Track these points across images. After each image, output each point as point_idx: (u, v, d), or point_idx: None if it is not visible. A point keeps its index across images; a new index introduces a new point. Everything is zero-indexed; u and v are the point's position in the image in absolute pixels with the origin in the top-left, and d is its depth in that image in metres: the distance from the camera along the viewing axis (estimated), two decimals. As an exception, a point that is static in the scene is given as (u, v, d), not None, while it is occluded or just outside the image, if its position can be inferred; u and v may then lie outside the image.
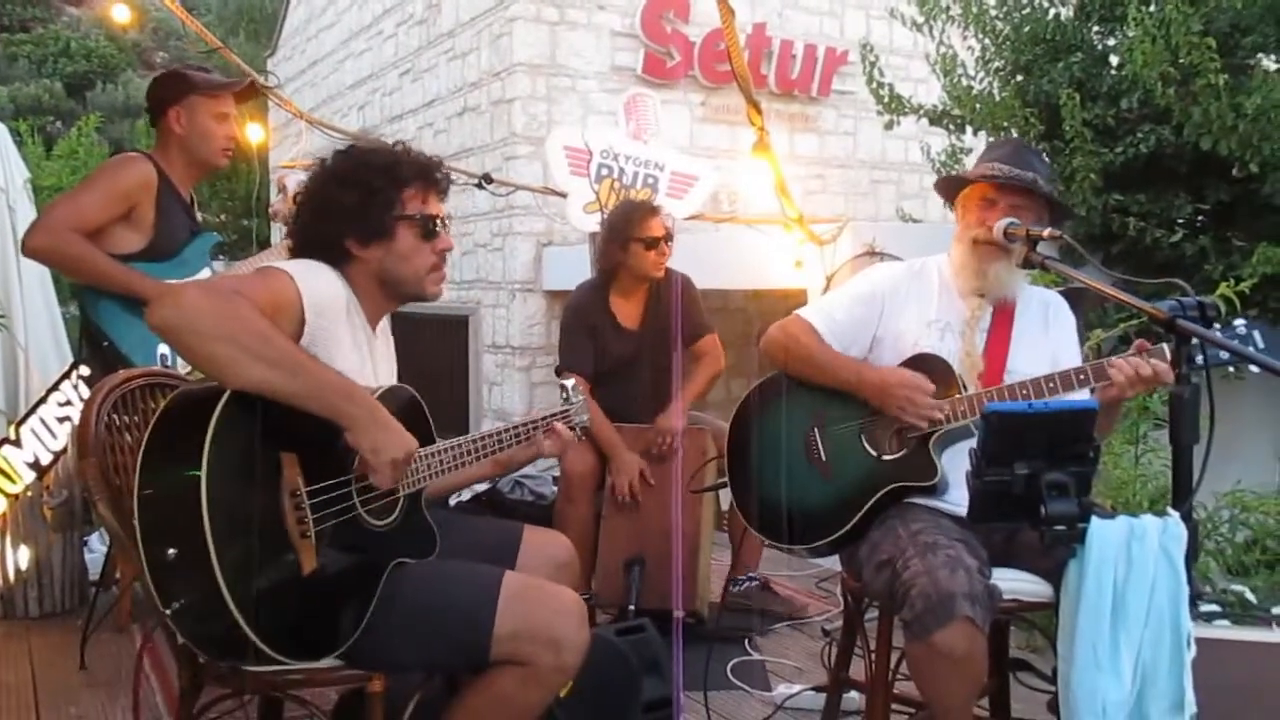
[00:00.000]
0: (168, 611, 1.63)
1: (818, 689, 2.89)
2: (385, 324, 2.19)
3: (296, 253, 2.04)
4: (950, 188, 2.47)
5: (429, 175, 2.02)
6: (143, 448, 1.67)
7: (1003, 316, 2.38)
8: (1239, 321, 2.01)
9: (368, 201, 1.96)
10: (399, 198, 1.98)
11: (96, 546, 4.27)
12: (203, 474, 1.58)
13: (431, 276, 2.04)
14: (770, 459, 2.39)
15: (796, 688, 2.96)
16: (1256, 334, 1.99)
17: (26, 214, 5.61)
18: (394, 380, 2.16)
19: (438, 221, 2.02)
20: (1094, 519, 1.76)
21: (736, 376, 7.96)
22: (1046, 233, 2.11)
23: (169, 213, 2.98)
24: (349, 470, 1.81)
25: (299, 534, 1.70)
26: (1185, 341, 1.73)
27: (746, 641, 3.41)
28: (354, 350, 1.97)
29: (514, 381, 7.56)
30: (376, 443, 1.77)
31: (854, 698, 2.80)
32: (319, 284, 1.88)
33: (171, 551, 1.61)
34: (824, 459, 2.34)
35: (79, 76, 24.31)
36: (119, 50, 24.69)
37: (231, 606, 1.57)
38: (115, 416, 2.00)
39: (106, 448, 1.96)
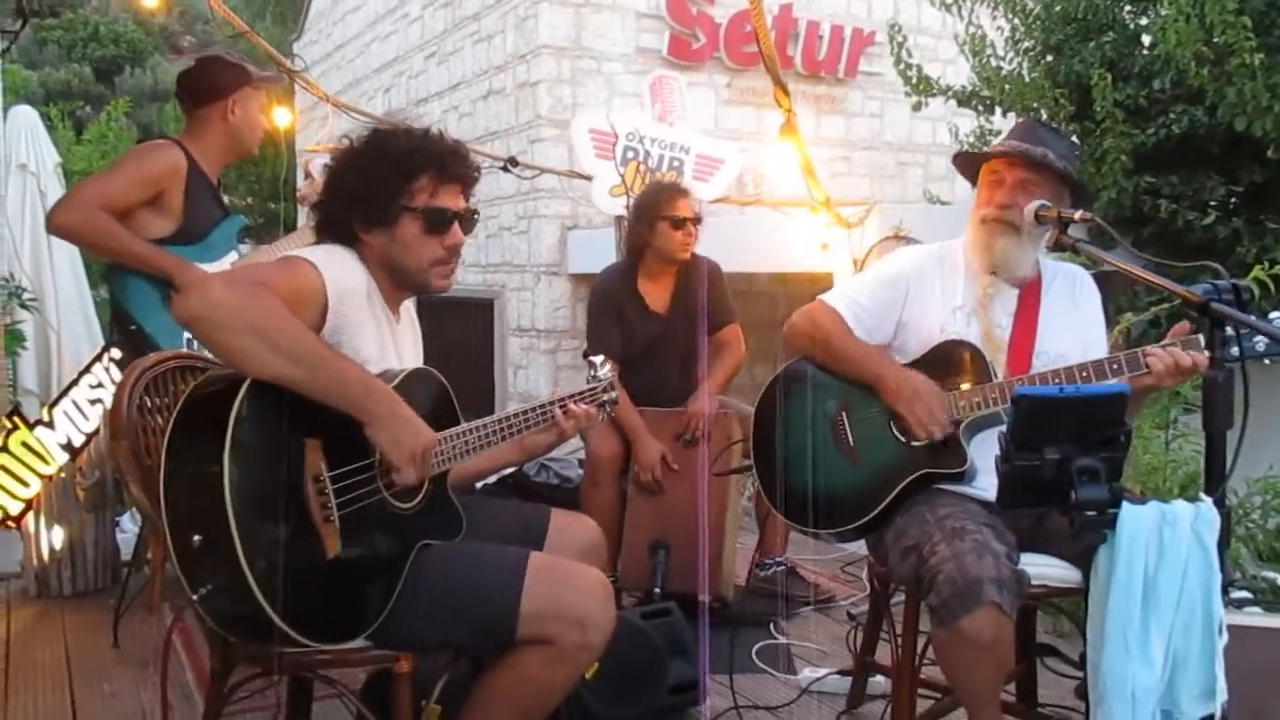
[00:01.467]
0: (195, 596, 1.65)
1: (843, 673, 2.89)
2: (409, 307, 2.20)
3: (317, 231, 2.05)
4: (964, 166, 2.46)
5: (445, 166, 1.97)
6: (167, 435, 1.69)
7: (1030, 297, 2.36)
8: (1275, 314, 1.96)
9: (373, 187, 1.94)
10: (407, 187, 1.94)
11: (128, 527, 4.33)
12: (225, 461, 1.59)
13: (436, 270, 2.00)
14: (797, 444, 2.38)
15: (822, 671, 2.96)
16: None
17: (57, 196, 5.68)
18: (420, 363, 2.17)
19: (448, 215, 1.97)
20: (1125, 504, 1.74)
21: (762, 361, 7.96)
22: (1078, 215, 2.08)
23: (197, 198, 3.00)
24: (372, 453, 1.82)
25: (322, 518, 1.72)
26: (1219, 326, 1.71)
27: (771, 625, 3.41)
28: (376, 335, 1.98)
29: (539, 365, 7.57)
30: (396, 437, 1.78)
31: (879, 681, 2.80)
32: (341, 271, 1.89)
33: (197, 537, 1.64)
34: (852, 444, 2.33)
35: (107, 61, 24.51)
36: (147, 35, 24.85)
37: (256, 591, 1.59)
38: (147, 398, 2.03)
39: (138, 429, 1.98)
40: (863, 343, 2.36)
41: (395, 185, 1.95)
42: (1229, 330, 1.71)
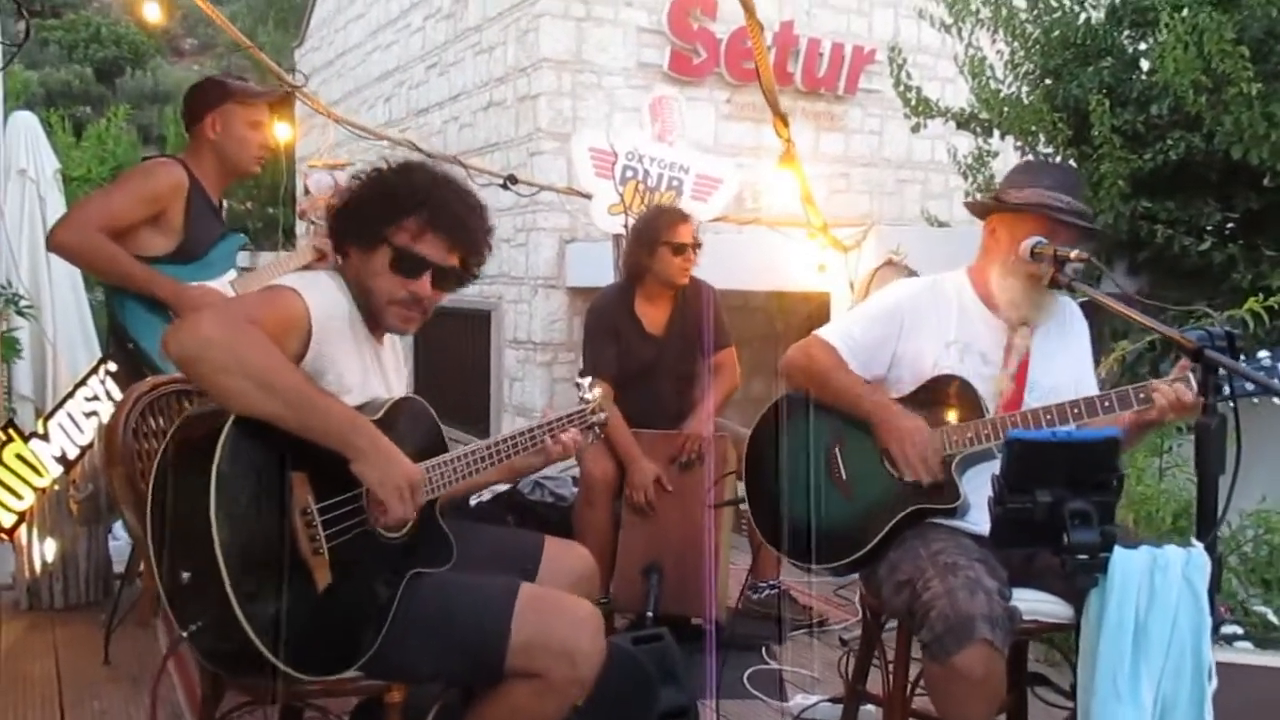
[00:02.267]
0: (185, 634, 1.65)
1: (834, 700, 2.90)
2: (393, 336, 2.20)
3: (330, 234, 2.06)
4: (988, 209, 2.38)
5: (441, 216, 1.96)
6: (153, 472, 1.69)
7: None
8: (1263, 354, 1.96)
9: (368, 207, 1.97)
10: (396, 219, 1.94)
11: (121, 534, 4.31)
12: (211, 498, 1.59)
13: (394, 310, 1.98)
14: (790, 477, 2.39)
15: (813, 698, 2.97)
16: None
17: (56, 204, 5.68)
18: (403, 388, 2.18)
19: (421, 262, 1.94)
20: (1117, 548, 1.75)
21: (757, 375, 7.97)
22: (1074, 254, 2.10)
23: (198, 217, 3.01)
24: (360, 484, 1.83)
25: (311, 551, 1.72)
26: (1212, 371, 1.72)
27: (764, 649, 3.41)
28: (359, 361, 1.99)
29: (535, 377, 7.58)
30: (382, 475, 1.78)
31: (870, 710, 2.81)
32: (323, 297, 1.90)
33: (186, 574, 1.64)
34: (845, 478, 2.34)
35: (109, 62, 24.51)
36: (148, 37, 24.85)
37: (246, 627, 1.59)
38: (143, 422, 2.03)
39: (134, 455, 1.99)
40: (856, 378, 2.36)
41: (387, 212, 1.95)
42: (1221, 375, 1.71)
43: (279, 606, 1.66)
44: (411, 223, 1.94)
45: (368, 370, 2.01)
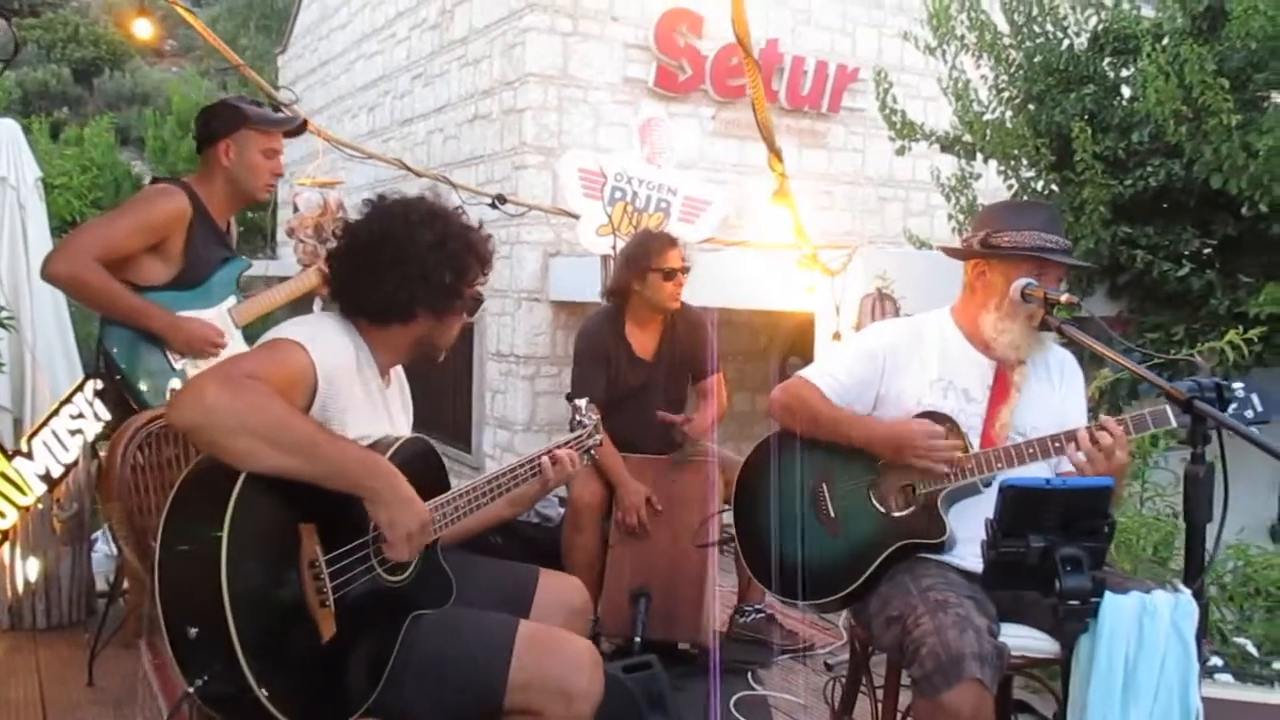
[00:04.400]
0: (191, 688, 1.64)
1: (821, 729, 2.92)
2: (398, 371, 2.22)
3: (345, 295, 2.05)
4: (981, 255, 2.37)
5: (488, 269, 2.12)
6: (161, 525, 1.68)
7: (1005, 370, 2.39)
8: (1237, 385, 2.00)
9: (454, 278, 2.02)
10: (473, 282, 2.08)
11: (102, 547, 4.27)
12: (222, 557, 1.59)
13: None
14: (779, 516, 2.41)
15: (799, 726, 2.99)
16: (1254, 397, 2.00)
17: (37, 211, 5.64)
18: (409, 426, 2.19)
19: (478, 303, 2.14)
20: (1107, 594, 1.79)
21: (740, 389, 8.01)
22: (1064, 298, 2.13)
23: (200, 244, 2.96)
24: (367, 530, 1.83)
25: (318, 603, 1.72)
26: (1201, 422, 1.76)
27: (750, 674, 3.43)
28: (368, 404, 2.00)
29: (517, 390, 7.57)
30: (394, 517, 1.79)
31: (857, 739, 2.83)
32: (328, 347, 1.90)
33: (193, 630, 1.63)
34: (832, 515, 2.37)
35: (87, 63, 24.26)
36: (127, 38, 24.64)
37: (253, 683, 1.59)
38: (140, 457, 2.03)
39: (130, 489, 1.98)
40: (844, 410, 2.40)
41: (468, 279, 2.06)
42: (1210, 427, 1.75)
43: (285, 659, 1.67)
44: (482, 276, 2.10)
45: (376, 412, 2.02)
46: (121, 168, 14.42)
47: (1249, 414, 2.00)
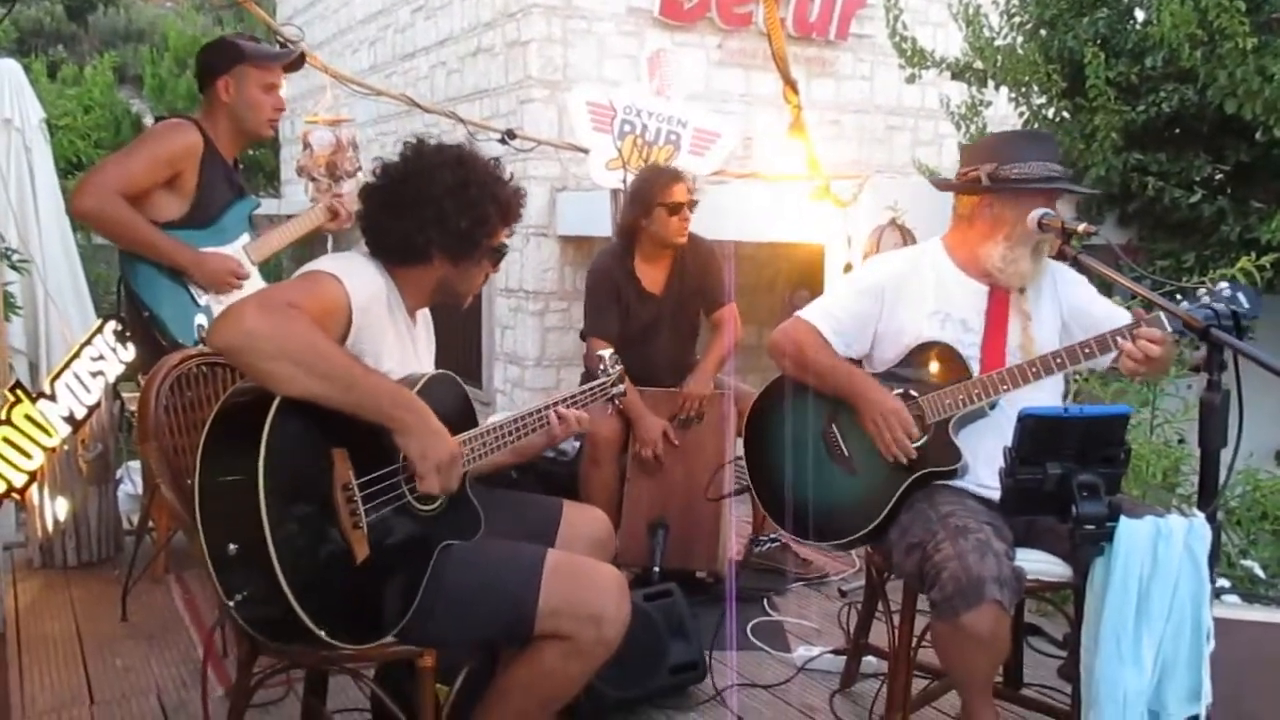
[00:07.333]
0: (230, 603, 1.71)
1: (837, 652, 3.00)
2: (424, 312, 2.26)
3: (368, 231, 2.08)
4: (980, 189, 2.37)
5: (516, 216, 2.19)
6: (200, 450, 1.74)
7: (999, 292, 2.40)
8: (1222, 285, 1.99)
9: (478, 225, 2.07)
10: (499, 232, 2.14)
11: (125, 486, 4.31)
12: (260, 475, 1.65)
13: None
14: (792, 460, 2.46)
15: (816, 650, 3.07)
16: (1241, 295, 1.97)
17: (43, 153, 5.63)
18: (432, 364, 2.23)
19: (503, 251, 2.24)
20: (1122, 518, 1.83)
21: (748, 323, 8.01)
22: (1082, 227, 2.15)
23: (211, 180, 2.99)
24: (397, 458, 1.88)
25: (351, 525, 1.78)
26: (1218, 349, 1.78)
27: (765, 601, 3.51)
28: (397, 341, 2.05)
29: (527, 326, 7.59)
30: (425, 448, 1.83)
31: (871, 660, 2.91)
32: (362, 281, 1.94)
33: (233, 547, 1.70)
34: (846, 454, 2.42)
35: (80, -1, 23.88)
36: (120, -28, 24.22)
37: (290, 598, 1.66)
38: (173, 397, 2.07)
39: (166, 429, 2.02)
40: (839, 360, 2.43)
41: (492, 226, 2.12)
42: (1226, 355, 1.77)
43: (321, 578, 1.73)
44: (504, 228, 2.15)
45: (405, 349, 2.07)
46: (121, 106, 14.28)
47: (1237, 310, 1.95)
